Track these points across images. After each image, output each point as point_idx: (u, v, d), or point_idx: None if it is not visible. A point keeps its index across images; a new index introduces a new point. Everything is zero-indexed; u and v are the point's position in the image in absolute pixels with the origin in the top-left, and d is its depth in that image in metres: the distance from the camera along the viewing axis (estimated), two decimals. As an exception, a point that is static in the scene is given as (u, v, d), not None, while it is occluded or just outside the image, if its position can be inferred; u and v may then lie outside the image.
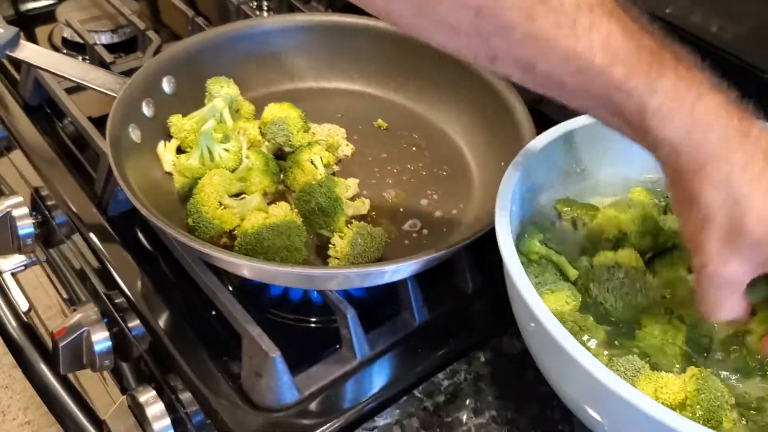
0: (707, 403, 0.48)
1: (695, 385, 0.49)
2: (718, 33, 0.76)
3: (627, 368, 0.51)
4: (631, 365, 0.51)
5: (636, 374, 0.50)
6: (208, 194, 0.66)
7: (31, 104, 0.86)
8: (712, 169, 0.45)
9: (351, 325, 0.61)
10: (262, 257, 0.63)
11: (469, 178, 0.77)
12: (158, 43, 0.91)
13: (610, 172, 0.68)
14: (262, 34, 0.84)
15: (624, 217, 0.62)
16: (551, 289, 0.57)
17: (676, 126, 0.45)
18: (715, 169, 0.45)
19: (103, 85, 0.71)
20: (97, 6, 1.02)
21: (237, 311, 0.61)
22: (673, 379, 0.50)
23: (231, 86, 0.77)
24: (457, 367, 0.63)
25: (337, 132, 0.80)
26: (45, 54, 0.73)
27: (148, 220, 0.61)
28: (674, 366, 0.54)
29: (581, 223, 0.64)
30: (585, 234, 0.64)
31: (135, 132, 0.71)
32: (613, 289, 0.58)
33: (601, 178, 0.68)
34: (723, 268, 0.47)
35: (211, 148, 0.70)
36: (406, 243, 0.70)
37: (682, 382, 0.50)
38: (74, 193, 0.76)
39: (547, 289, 0.57)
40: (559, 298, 0.56)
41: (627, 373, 0.51)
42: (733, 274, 0.47)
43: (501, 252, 0.52)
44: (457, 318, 0.67)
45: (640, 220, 0.61)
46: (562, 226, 0.64)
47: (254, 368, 0.59)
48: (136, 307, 0.66)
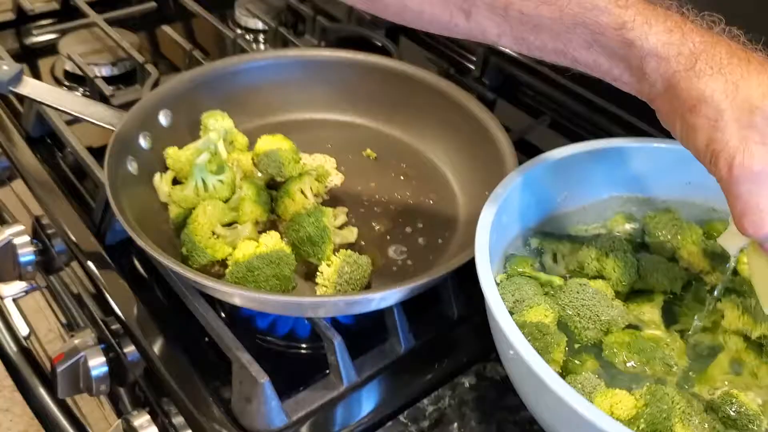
0: (651, 417, 0.51)
1: (645, 401, 0.52)
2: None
3: (585, 385, 0.54)
4: (588, 382, 0.54)
5: (593, 390, 0.53)
6: (202, 224, 0.68)
7: (34, 136, 0.89)
8: (703, 62, 0.46)
9: (338, 351, 0.63)
10: (253, 285, 0.65)
11: (455, 206, 0.80)
12: (156, 77, 0.94)
13: (591, 201, 0.71)
14: (256, 68, 0.87)
15: (606, 263, 0.64)
16: (530, 305, 0.59)
17: (656, 32, 0.46)
18: (705, 61, 0.46)
19: (101, 119, 0.74)
20: (98, 39, 1.05)
21: (227, 338, 0.63)
22: (627, 395, 0.53)
23: (225, 119, 0.80)
24: (442, 392, 0.65)
25: (327, 162, 0.82)
26: (46, 89, 0.76)
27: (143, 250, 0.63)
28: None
29: (561, 256, 0.66)
30: (564, 267, 0.66)
31: (132, 164, 0.74)
32: (581, 305, 0.60)
33: (582, 205, 0.71)
34: (750, 156, 0.45)
35: (205, 179, 0.72)
36: (393, 270, 0.73)
37: (635, 398, 0.53)
38: (73, 221, 0.78)
39: (526, 305, 0.59)
40: (538, 312, 0.59)
41: (584, 390, 0.53)
42: (763, 159, 0.45)
43: (480, 283, 0.54)
44: (442, 344, 0.69)
45: (621, 268, 0.63)
46: (545, 259, 0.67)
47: (244, 393, 0.61)
48: (131, 333, 0.69)
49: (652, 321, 0.61)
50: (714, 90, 0.46)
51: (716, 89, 0.46)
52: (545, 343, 0.56)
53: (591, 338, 0.59)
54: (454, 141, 0.83)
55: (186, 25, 1.18)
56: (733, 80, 0.46)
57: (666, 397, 0.52)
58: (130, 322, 0.69)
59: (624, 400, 0.53)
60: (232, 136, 0.80)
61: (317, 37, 1.10)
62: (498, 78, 1.04)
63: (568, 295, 0.60)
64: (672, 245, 0.67)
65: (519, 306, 0.60)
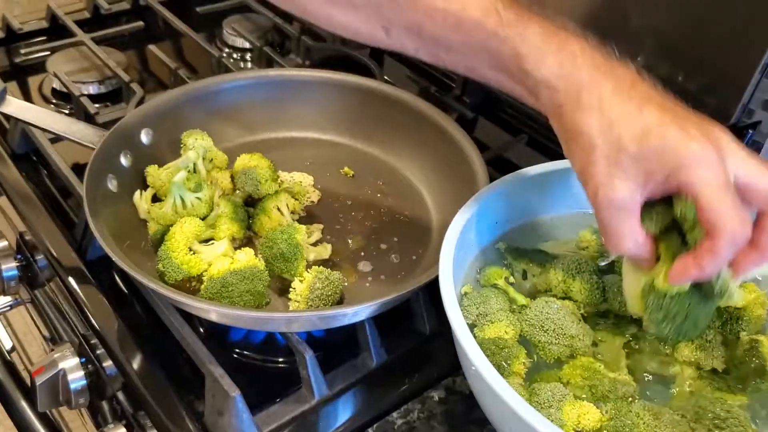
0: (614, 429, 0.53)
1: (610, 415, 0.54)
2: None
3: (554, 393, 0.55)
4: (558, 391, 0.55)
5: (562, 399, 0.54)
6: (178, 241, 0.70)
7: (19, 152, 0.91)
8: (586, 98, 0.51)
9: (309, 365, 0.65)
10: (227, 301, 0.66)
11: (429, 223, 0.81)
12: (141, 95, 0.96)
13: (560, 216, 0.72)
14: (238, 87, 0.89)
15: (573, 285, 0.65)
16: (491, 320, 0.61)
17: (549, 65, 0.51)
18: (588, 96, 0.50)
19: (83, 138, 0.75)
20: (86, 58, 1.07)
21: (201, 352, 0.64)
22: (594, 408, 0.55)
23: (205, 138, 0.82)
24: (411, 406, 0.67)
25: (305, 179, 0.84)
26: (29, 108, 0.77)
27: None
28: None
29: (530, 275, 0.68)
30: (533, 284, 0.67)
31: (112, 182, 0.75)
32: (546, 319, 0.61)
33: (552, 220, 0.72)
34: (612, 190, 0.50)
35: (183, 197, 0.74)
36: (366, 286, 0.74)
37: (602, 411, 0.55)
38: (55, 237, 0.80)
39: (488, 320, 0.61)
40: (499, 328, 0.60)
41: (554, 398, 0.55)
42: (622, 193, 0.50)
43: (443, 300, 0.56)
44: (414, 359, 0.71)
45: (587, 291, 0.64)
46: (515, 275, 0.68)
47: (216, 406, 0.63)
48: (109, 347, 0.70)
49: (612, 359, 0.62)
50: (591, 127, 0.51)
51: (593, 126, 0.51)
52: (504, 356, 0.57)
53: (556, 354, 0.60)
54: (431, 160, 0.85)
55: (175, 44, 1.20)
56: (609, 118, 0.50)
57: (630, 413, 0.54)
58: (108, 336, 0.71)
59: (591, 411, 0.55)
60: (211, 155, 0.81)
61: (302, 57, 1.12)
62: (479, 96, 1.06)
63: (533, 311, 0.62)
64: None
65: (481, 320, 0.61)
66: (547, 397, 0.55)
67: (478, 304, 0.62)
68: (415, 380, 0.69)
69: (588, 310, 0.65)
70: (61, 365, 0.73)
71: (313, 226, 0.78)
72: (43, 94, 1.06)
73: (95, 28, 1.14)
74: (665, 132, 0.49)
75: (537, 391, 0.56)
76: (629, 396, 0.57)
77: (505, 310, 0.62)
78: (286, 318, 0.66)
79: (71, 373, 0.73)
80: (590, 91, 0.51)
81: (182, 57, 1.17)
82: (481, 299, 0.62)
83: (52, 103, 1.04)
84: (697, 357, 0.60)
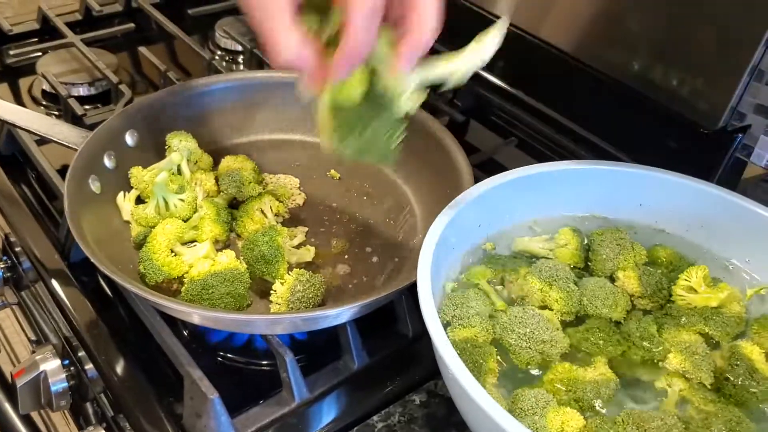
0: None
1: (594, 424, 0.54)
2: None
3: (538, 400, 0.54)
4: (542, 397, 0.55)
5: (546, 406, 0.54)
6: (160, 242, 0.69)
7: (5, 153, 0.91)
8: None
9: (290, 368, 0.64)
10: (207, 303, 0.66)
11: (414, 227, 0.81)
12: (129, 97, 0.96)
13: (543, 218, 0.72)
14: (224, 89, 0.88)
15: (549, 294, 0.64)
16: (463, 324, 0.60)
17: None
18: None
19: (65, 139, 0.75)
20: (77, 60, 1.07)
21: (181, 354, 0.64)
22: (578, 415, 0.54)
23: (189, 140, 0.81)
24: (393, 409, 0.66)
25: (290, 182, 0.84)
26: (12, 109, 0.77)
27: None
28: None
29: (508, 281, 0.67)
30: (509, 291, 0.67)
31: (95, 183, 0.75)
32: (519, 323, 0.60)
33: (533, 223, 0.72)
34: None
35: (166, 198, 0.74)
36: (349, 288, 0.74)
37: (585, 418, 0.54)
38: (39, 239, 0.79)
39: (462, 324, 0.60)
40: (471, 331, 0.60)
41: (537, 404, 0.54)
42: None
43: (420, 305, 0.55)
44: (397, 362, 0.70)
45: (564, 300, 0.64)
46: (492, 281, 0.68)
47: (195, 409, 0.62)
48: (90, 350, 0.70)
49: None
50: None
51: None
52: (477, 355, 0.57)
53: (526, 358, 0.59)
54: (418, 163, 0.84)
55: (167, 46, 1.20)
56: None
57: (614, 426, 0.54)
58: (90, 339, 0.70)
59: (575, 418, 0.54)
60: (196, 156, 0.81)
61: (293, 59, 1.11)
62: (470, 100, 1.06)
63: (508, 316, 0.61)
64: (613, 264, 0.67)
65: (456, 321, 0.61)
66: (530, 404, 0.54)
67: (456, 304, 0.61)
68: (396, 383, 0.68)
69: (566, 317, 0.64)
70: (42, 367, 0.72)
71: (296, 228, 0.78)
72: (33, 96, 1.05)
73: (86, 30, 1.14)
74: None
75: (520, 397, 0.55)
76: (612, 395, 0.57)
77: (482, 315, 0.62)
78: (268, 320, 0.65)
79: (52, 375, 0.73)
80: None
81: (174, 59, 1.17)
82: (462, 300, 0.62)
83: (42, 105, 1.04)
84: (684, 368, 0.59)
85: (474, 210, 0.67)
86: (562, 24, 0.90)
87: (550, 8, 0.91)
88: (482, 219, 0.69)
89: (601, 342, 0.61)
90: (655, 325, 0.63)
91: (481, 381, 0.56)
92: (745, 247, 0.67)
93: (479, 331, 0.60)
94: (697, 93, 0.78)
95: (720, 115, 0.77)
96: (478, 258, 0.69)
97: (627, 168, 0.71)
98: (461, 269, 0.67)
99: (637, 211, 0.71)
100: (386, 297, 0.65)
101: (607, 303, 0.63)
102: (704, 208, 0.69)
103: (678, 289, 0.65)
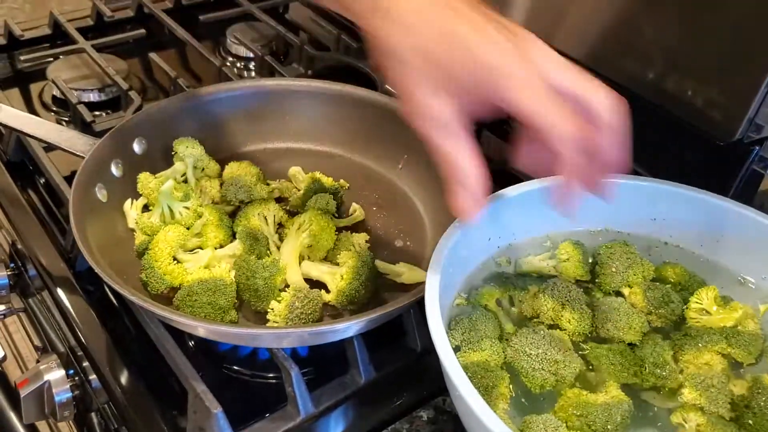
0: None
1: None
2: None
3: (547, 427, 0.53)
4: (551, 424, 0.53)
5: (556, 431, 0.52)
6: (162, 249, 0.69)
7: (13, 160, 0.90)
8: (381, 6, 0.49)
9: (295, 382, 0.63)
10: (189, 311, 0.65)
11: (424, 238, 0.80)
12: (138, 103, 0.95)
13: (555, 229, 0.71)
14: (232, 97, 0.87)
15: (562, 315, 0.63)
16: (473, 348, 0.59)
17: None
18: (383, 5, 0.49)
19: (72, 147, 0.74)
20: (88, 65, 1.07)
21: (185, 367, 0.63)
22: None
23: (195, 146, 0.81)
24: (399, 425, 0.65)
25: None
26: (19, 116, 0.77)
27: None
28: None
29: (517, 300, 0.66)
30: (520, 310, 0.66)
31: (101, 191, 0.74)
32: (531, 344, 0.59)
33: (545, 234, 0.71)
34: (422, 96, 0.49)
35: (171, 206, 0.73)
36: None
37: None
38: (44, 246, 0.79)
39: (472, 347, 0.59)
40: (483, 355, 0.58)
41: (546, 431, 0.52)
42: (430, 101, 0.49)
43: (428, 323, 0.54)
44: (404, 377, 0.69)
45: (576, 321, 0.63)
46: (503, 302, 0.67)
47: (198, 423, 0.61)
48: (94, 361, 0.69)
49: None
50: (388, 35, 0.50)
51: (391, 34, 0.49)
52: (488, 379, 0.55)
53: (540, 380, 0.58)
54: (428, 174, 0.83)
55: (178, 52, 1.19)
56: (405, 23, 0.49)
57: None
58: (94, 349, 0.70)
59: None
60: (203, 163, 0.80)
61: (304, 66, 1.11)
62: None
63: (519, 337, 0.60)
64: (622, 279, 0.66)
65: (465, 345, 0.59)
66: (539, 430, 0.53)
67: (466, 328, 0.60)
68: (404, 399, 0.67)
69: (578, 338, 0.63)
70: (46, 377, 0.72)
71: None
72: (44, 102, 1.05)
73: (98, 36, 1.14)
74: (466, 37, 0.48)
75: (529, 424, 0.54)
76: (626, 418, 0.55)
77: (492, 338, 0.60)
78: (275, 334, 0.64)
79: (56, 385, 0.72)
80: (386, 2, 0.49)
81: (185, 65, 1.16)
82: (470, 324, 0.61)
83: (52, 111, 1.03)
84: (701, 403, 0.57)
85: (485, 223, 0.65)
86: (575, 32, 0.89)
87: (575, 17, 0.89)
88: (493, 233, 0.67)
89: (618, 365, 0.60)
90: (672, 349, 0.61)
91: (492, 406, 0.55)
92: (762, 263, 0.66)
93: (490, 354, 0.58)
94: (712, 104, 0.77)
95: (736, 127, 0.75)
96: (490, 272, 0.67)
97: (640, 181, 0.69)
98: (472, 284, 0.66)
99: (650, 226, 0.70)
100: (394, 311, 0.64)
101: (618, 325, 0.62)
102: (719, 222, 0.67)
103: (691, 312, 0.64)
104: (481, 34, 0.48)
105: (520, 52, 0.49)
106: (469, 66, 0.48)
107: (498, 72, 0.48)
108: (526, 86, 0.49)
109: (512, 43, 0.49)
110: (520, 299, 0.65)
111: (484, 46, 0.48)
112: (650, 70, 0.81)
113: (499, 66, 0.48)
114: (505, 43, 0.49)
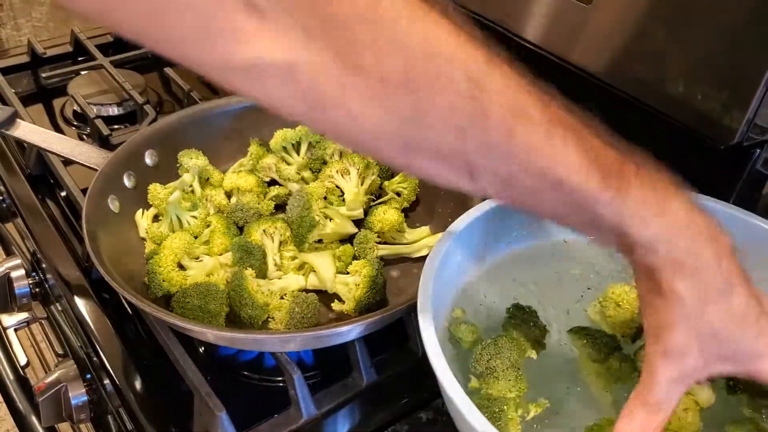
0: None
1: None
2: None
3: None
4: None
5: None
6: (167, 256, 0.71)
7: (35, 174, 0.94)
8: (685, 264, 0.48)
9: (297, 385, 0.65)
10: (179, 314, 0.68)
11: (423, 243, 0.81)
12: (153, 117, 0.98)
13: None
14: (242, 110, 0.90)
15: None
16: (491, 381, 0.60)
17: (652, 229, 0.48)
18: (688, 264, 0.48)
19: (87, 160, 0.78)
20: (106, 81, 1.10)
21: (190, 370, 0.65)
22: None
23: (199, 157, 0.84)
24: (399, 427, 0.67)
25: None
26: (37, 131, 0.80)
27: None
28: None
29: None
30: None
31: (114, 202, 0.77)
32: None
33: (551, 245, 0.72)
34: (683, 354, 0.49)
35: (179, 216, 0.76)
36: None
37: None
38: (63, 256, 0.82)
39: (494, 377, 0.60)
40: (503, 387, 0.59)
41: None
42: (689, 361, 0.49)
43: (420, 332, 0.56)
44: (406, 379, 0.70)
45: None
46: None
47: (204, 425, 0.63)
48: (106, 365, 0.72)
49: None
50: (686, 296, 0.49)
51: (687, 296, 0.49)
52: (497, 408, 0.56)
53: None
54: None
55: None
56: (703, 291, 0.49)
57: None
58: (107, 354, 0.72)
59: None
60: (207, 173, 0.83)
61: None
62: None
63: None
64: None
65: (488, 376, 0.60)
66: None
67: (490, 355, 0.61)
68: (405, 401, 0.69)
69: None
70: (63, 381, 0.75)
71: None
72: (65, 117, 1.09)
73: (116, 52, 1.18)
74: (747, 320, 0.50)
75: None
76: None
77: (514, 368, 0.60)
78: (280, 338, 0.66)
79: (73, 389, 0.75)
80: (690, 258, 0.49)
81: (200, 79, 1.19)
82: (494, 350, 0.61)
83: (73, 125, 1.07)
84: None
85: (481, 228, 0.67)
86: (575, 37, 0.89)
87: (594, 25, 0.89)
88: (488, 239, 0.69)
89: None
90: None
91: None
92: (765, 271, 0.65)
93: (512, 385, 0.59)
94: (710, 106, 0.76)
95: (736, 129, 0.75)
96: (485, 273, 0.68)
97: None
98: (466, 291, 0.67)
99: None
100: (395, 314, 0.65)
101: None
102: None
103: None
104: (760, 323, 0.50)
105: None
106: (741, 351, 0.51)
107: (758, 355, 0.51)
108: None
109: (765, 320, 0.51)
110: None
111: (751, 341, 0.50)
112: (647, 74, 0.81)
113: (762, 354, 0.51)
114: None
